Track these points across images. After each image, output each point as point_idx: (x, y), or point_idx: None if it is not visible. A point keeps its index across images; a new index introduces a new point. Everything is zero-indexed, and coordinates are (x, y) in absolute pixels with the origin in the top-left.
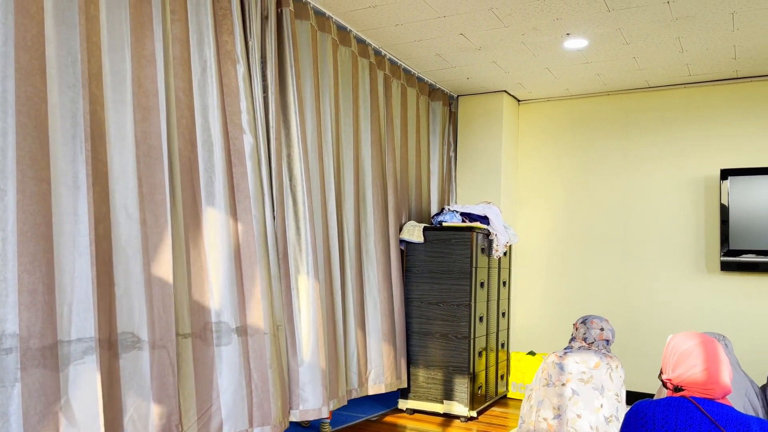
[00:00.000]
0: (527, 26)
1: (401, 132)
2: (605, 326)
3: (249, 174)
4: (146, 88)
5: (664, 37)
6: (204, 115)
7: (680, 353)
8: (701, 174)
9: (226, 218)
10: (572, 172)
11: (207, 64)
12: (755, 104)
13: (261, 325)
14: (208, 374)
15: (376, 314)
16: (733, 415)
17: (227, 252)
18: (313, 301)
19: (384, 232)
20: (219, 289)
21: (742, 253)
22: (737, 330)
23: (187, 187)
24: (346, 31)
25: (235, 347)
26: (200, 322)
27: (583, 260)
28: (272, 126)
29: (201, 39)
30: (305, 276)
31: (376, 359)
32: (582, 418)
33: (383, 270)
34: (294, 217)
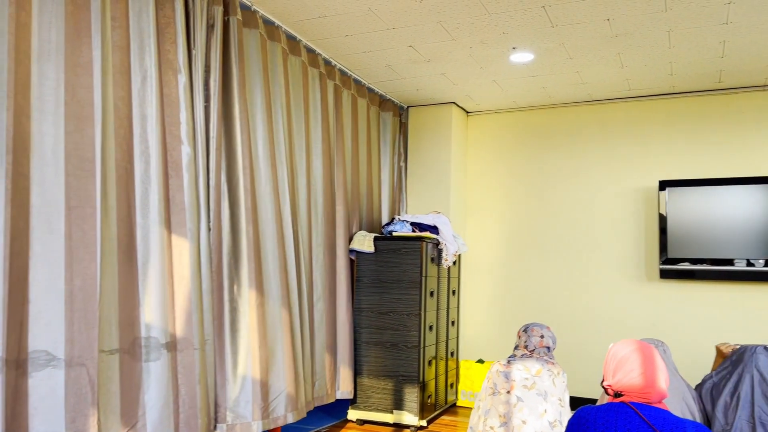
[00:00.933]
0: (475, 40)
1: (352, 142)
2: (546, 333)
3: (185, 186)
4: (81, 98)
5: (604, 52)
6: (142, 125)
7: (618, 360)
8: (641, 185)
9: (160, 231)
10: (519, 183)
11: (147, 73)
12: (691, 118)
13: (191, 340)
14: (134, 391)
15: (322, 325)
16: (670, 418)
17: (159, 266)
18: (249, 314)
19: (333, 242)
20: (150, 304)
21: (679, 261)
22: (675, 335)
23: (122, 199)
24: (295, 41)
25: (164, 363)
26: (129, 338)
27: (529, 269)
28: (213, 137)
29: (142, 47)
30: (243, 289)
31: (321, 371)
32: (527, 423)
33: (331, 280)
34: (231, 229)
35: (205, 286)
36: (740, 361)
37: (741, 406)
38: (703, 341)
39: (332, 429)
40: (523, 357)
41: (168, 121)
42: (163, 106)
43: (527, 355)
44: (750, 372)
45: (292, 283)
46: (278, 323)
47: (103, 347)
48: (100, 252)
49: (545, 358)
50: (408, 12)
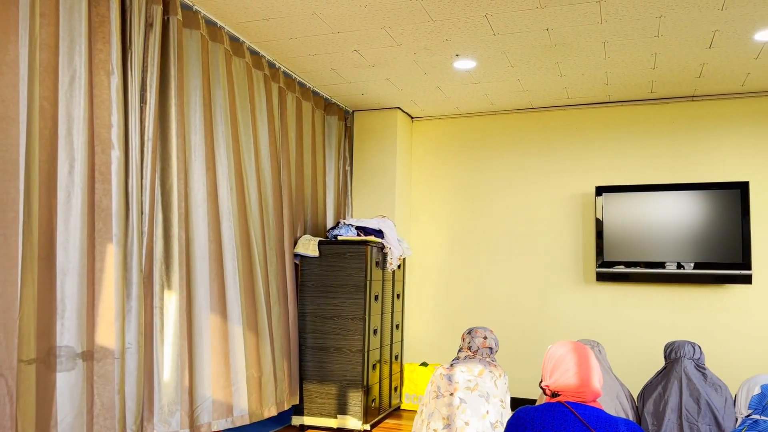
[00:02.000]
0: (419, 46)
1: (297, 145)
2: (488, 335)
3: (113, 191)
4: (5, 97)
5: (544, 61)
6: (68, 127)
7: (555, 361)
8: (579, 190)
9: (82, 237)
10: (463, 188)
11: (77, 73)
12: (626, 127)
13: (111, 349)
14: (48, 401)
15: (265, 330)
16: (603, 417)
17: (80, 273)
18: (178, 321)
19: (278, 246)
20: (67, 312)
21: (614, 264)
22: (611, 336)
23: (45, 204)
24: (239, 43)
25: (79, 372)
26: (45, 347)
27: (472, 272)
28: (149, 139)
29: (72, 46)
30: (173, 295)
31: (270, 377)
32: (470, 425)
33: (276, 285)
34: (164, 234)
35: (134, 292)
36: (670, 366)
37: (669, 408)
38: (637, 341)
39: None
40: (467, 359)
41: (97, 123)
42: (93, 107)
43: (470, 357)
44: (678, 376)
45: (232, 288)
46: (208, 329)
47: (22, 357)
48: (21, 258)
49: (488, 360)
50: (353, 16)
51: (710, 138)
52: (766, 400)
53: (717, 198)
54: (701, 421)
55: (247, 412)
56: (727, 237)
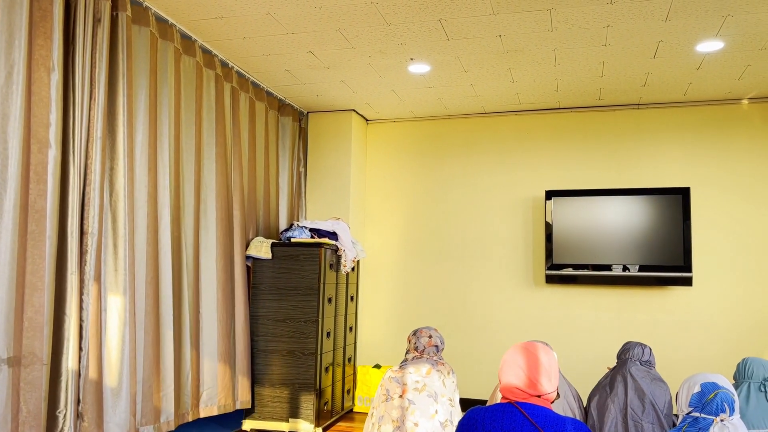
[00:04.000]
0: (374, 49)
1: (249, 146)
2: (433, 334)
3: (49, 192)
4: None
5: (497, 67)
6: (2, 125)
7: (505, 361)
8: (530, 194)
9: (14, 239)
10: (417, 191)
11: (14, 69)
12: (575, 132)
13: (39, 355)
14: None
15: (213, 333)
16: (551, 416)
17: (8, 275)
18: (126, 324)
19: (226, 248)
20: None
21: (563, 266)
22: (560, 337)
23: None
24: (190, 41)
25: (4, 378)
26: None
27: (426, 274)
28: (98, 139)
29: (10, 41)
30: (120, 297)
31: (211, 380)
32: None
33: (224, 287)
34: (112, 234)
35: (72, 296)
36: (619, 367)
37: (614, 406)
38: (585, 341)
39: None
40: (414, 359)
41: (34, 122)
42: (30, 105)
43: (417, 357)
44: (624, 377)
45: (166, 291)
46: (170, 333)
47: None
48: None
49: (435, 358)
50: (307, 18)
51: (654, 145)
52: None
53: (660, 203)
54: (645, 419)
55: (173, 416)
56: (669, 241)
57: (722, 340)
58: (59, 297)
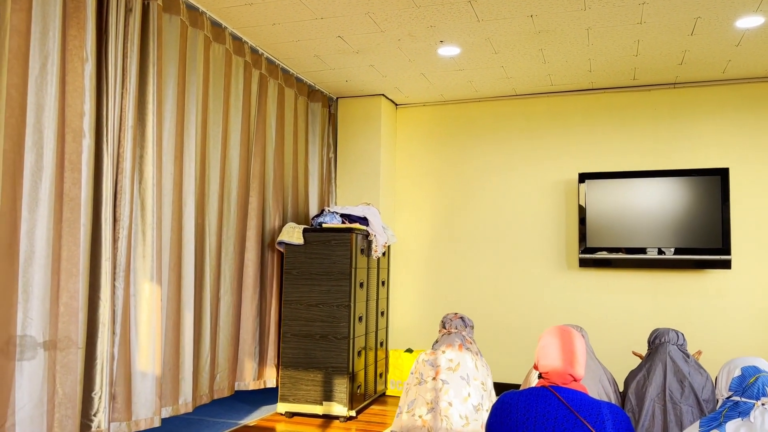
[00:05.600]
0: (403, 32)
1: (277, 133)
2: (459, 314)
3: (83, 180)
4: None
5: (528, 48)
6: (38, 115)
7: (541, 346)
8: (562, 177)
9: (49, 226)
10: (447, 175)
11: (48, 60)
12: (608, 113)
13: (75, 339)
14: (5, 390)
15: (231, 318)
16: (586, 400)
17: (44, 263)
18: (152, 309)
19: (244, 234)
20: (29, 302)
21: (597, 250)
22: (593, 321)
23: (8, 193)
24: (220, 28)
25: (40, 362)
26: (4, 337)
27: (457, 259)
28: (129, 128)
29: (45, 32)
30: (147, 283)
31: (227, 362)
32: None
33: (249, 273)
34: (141, 222)
35: (106, 281)
36: (655, 350)
37: (653, 388)
38: (619, 326)
39: (261, 422)
40: (444, 338)
41: (69, 112)
42: (65, 95)
43: (446, 334)
44: (662, 359)
45: (188, 277)
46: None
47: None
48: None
49: (463, 333)
50: (336, 2)
51: (691, 125)
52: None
53: (697, 184)
54: (684, 401)
55: (191, 398)
56: (707, 223)
57: (762, 324)
58: (94, 283)
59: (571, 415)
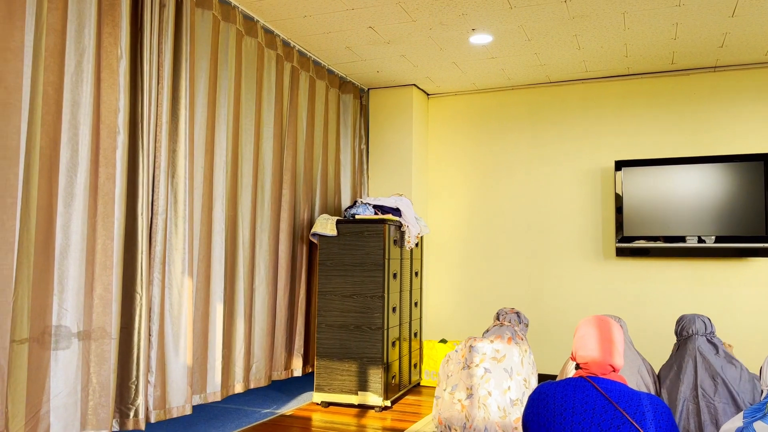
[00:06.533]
0: (434, 21)
1: (308, 125)
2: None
3: (117, 175)
4: (8, 84)
5: (562, 34)
6: (73, 112)
7: (579, 336)
8: (598, 165)
9: (83, 219)
10: (480, 165)
11: (84, 57)
12: (645, 99)
13: (108, 330)
14: (41, 378)
15: (265, 309)
16: (625, 391)
17: (79, 255)
18: (186, 300)
19: (276, 226)
20: (64, 294)
21: (634, 239)
22: (631, 311)
23: (44, 188)
24: (252, 21)
25: (74, 351)
26: (40, 327)
27: (491, 249)
28: (164, 123)
29: (80, 30)
30: (180, 274)
31: (261, 353)
32: (492, 396)
33: (283, 264)
34: (174, 215)
35: (142, 275)
36: (683, 344)
37: (684, 385)
38: (658, 316)
39: (297, 412)
40: (495, 328)
41: (104, 108)
42: (100, 92)
43: (498, 325)
44: (692, 355)
45: (217, 268)
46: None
47: (15, 337)
48: (17, 243)
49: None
50: None
51: (732, 109)
52: None
53: (739, 170)
54: (717, 399)
55: (220, 387)
56: (749, 210)
57: None
58: (131, 275)
59: (609, 406)
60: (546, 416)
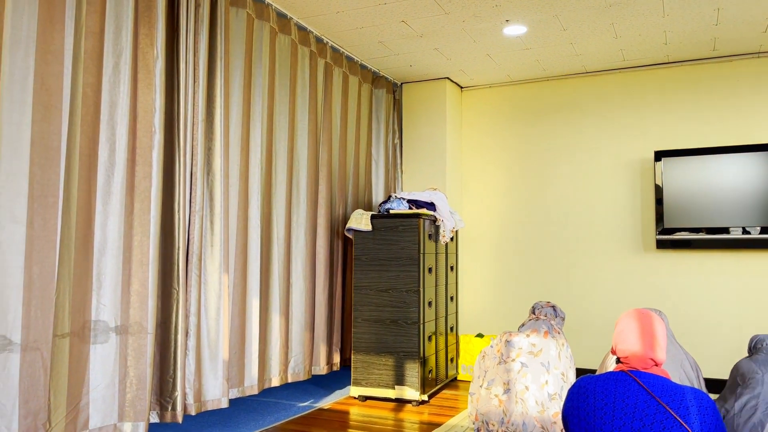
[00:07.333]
0: (467, 13)
1: (341, 121)
2: (551, 302)
3: (153, 174)
4: (49, 86)
5: (598, 23)
6: (111, 112)
7: (619, 330)
8: (637, 156)
9: (120, 218)
10: (515, 157)
11: (121, 58)
12: (685, 87)
13: (145, 325)
14: (81, 371)
15: (301, 303)
16: (669, 385)
17: (116, 252)
18: (222, 296)
19: (313, 222)
20: (102, 289)
21: (675, 231)
22: (673, 304)
23: (84, 187)
24: (286, 19)
25: (112, 345)
26: (80, 321)
27: (527, 242)
28: (200, 121)
29: (118, 32)
30: (216, 270)
31: (298, 347)
32: (529, 390)
33: (321, 260)
34: (210, 212)
35: (179, 271)
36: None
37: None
38: (700, 309)
39: (334, 405)
40: (530, 322)
41: (140, 108)
42: (137, 92)
43: (534, 319)
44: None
45: (254, 263)
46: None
47: (57, 332)
48: (59, 240)
49: (551, 322)
50: None
51: None
52: None
53: None
54: None
55: (256, 381)
56: None
57: None
58: (168, 271)
59: (652, 401)
60: (586, 410)
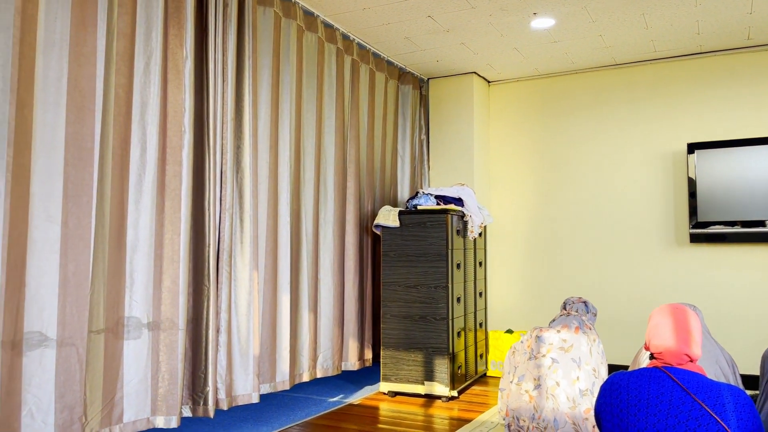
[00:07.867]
0: (494, 7)
1: (368, 117)
2: (582, 298)
3: (183, 173)
4: (82, 88)
5: (628, 14)
6: (142, 112)
7: (653, 325)
8: (669, 149)
9: (152, 216)
10: (544, 151)
11: (152, 59)
12: (719, 78)
13: (176, 321)
14: (115, 367)
15: (330, 299)
16: (704, 382)
17: (148, 250)
18: (253, 292)
19: (342, 218)
20: (135, 286)
21: (709, 224)
22: (707, 299)
23: (117, 186)
24: (313, 17)
25: (145, 341)
26: (113, 318)
27: (557, 237)
28: (229, 120)
29: (148, 34)
30: (246, 267)
31: (327, 342)
32: (560, 386)
33: (350, 256)
34: (239, 210)
35: (210, 268)
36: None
37: None
38: (735, 304)
39: (364, 401)
40: (561, 317)
41: (171, 108)
42: (167, 92)
43: (565, 315)
44: None
45: (284, 260)
46: (287, 301)
47: (92, 328)
48: (93, 239)
49: (582, 318)
50: None
51: None
52: None
53: None
54: None
55: (288, 377)
56: None
57: None
58: (199, 268)
59: (687, 398)
60: (620, 407)
